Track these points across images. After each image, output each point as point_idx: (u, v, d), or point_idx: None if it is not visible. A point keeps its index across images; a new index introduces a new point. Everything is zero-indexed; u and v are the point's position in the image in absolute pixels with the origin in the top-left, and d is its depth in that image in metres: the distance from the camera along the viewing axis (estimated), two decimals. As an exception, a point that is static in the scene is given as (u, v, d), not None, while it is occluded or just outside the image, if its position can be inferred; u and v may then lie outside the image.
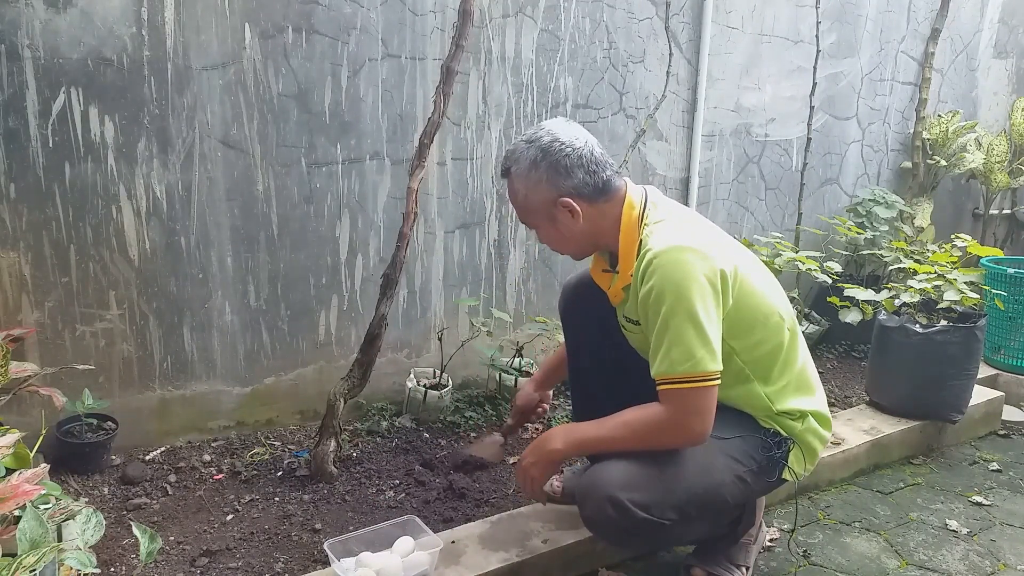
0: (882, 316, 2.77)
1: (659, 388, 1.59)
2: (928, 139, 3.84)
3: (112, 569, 1.82)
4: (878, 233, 3.53)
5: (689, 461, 1.64)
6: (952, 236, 3.10)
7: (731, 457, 1.69)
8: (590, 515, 1.64)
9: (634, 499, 1.57)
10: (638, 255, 1.64)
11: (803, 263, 2.96)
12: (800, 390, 1.76)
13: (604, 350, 1.92)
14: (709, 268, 1.58)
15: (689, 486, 1.63)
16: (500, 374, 2.77)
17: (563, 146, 1.65)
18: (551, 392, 2.16)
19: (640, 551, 2.02)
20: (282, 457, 2.37)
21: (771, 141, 3.51)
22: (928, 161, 3.86)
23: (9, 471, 1.53)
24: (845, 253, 3.51)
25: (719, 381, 1.57)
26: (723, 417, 1.63)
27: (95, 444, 2.22)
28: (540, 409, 2.15)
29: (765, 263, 2.90)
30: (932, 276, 2.75)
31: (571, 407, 2.22)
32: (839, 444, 2.48)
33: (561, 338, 2.11)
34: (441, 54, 2.57)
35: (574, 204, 1.66)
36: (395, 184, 2.61)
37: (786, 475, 1.76)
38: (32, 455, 1.69)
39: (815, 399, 1.79)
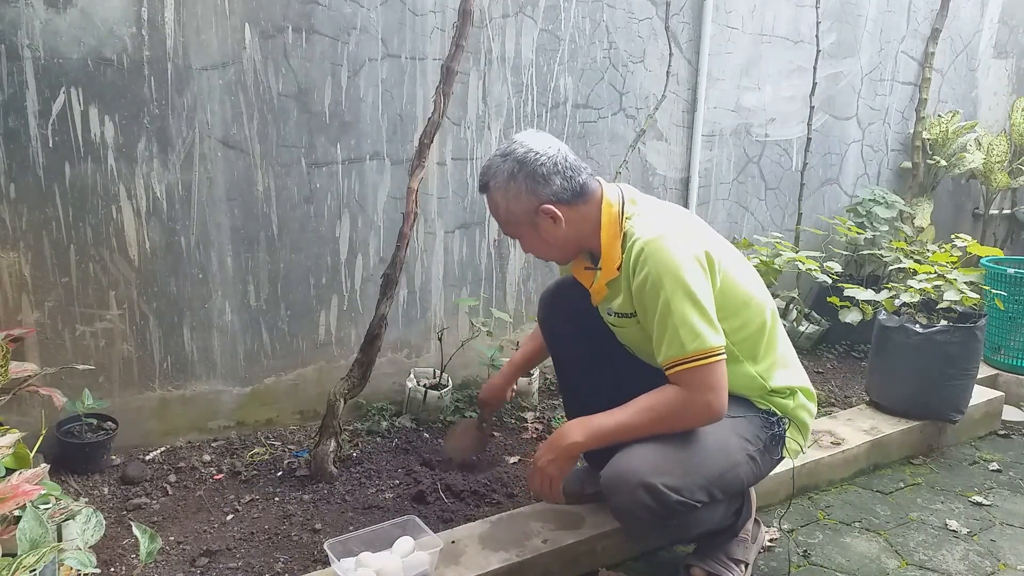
0: (882, 316, 2.77)
1: (671, 371, 1.60)
2: (928, 139, 3.84)
3: (112, 569, 1.82)
4: (878, 233, 3.53)
5: (708, 442, 1.66)
6: (952, 236, 3.10)
7: (742, 437, 1.71)
8: (622, 503, 1.63)
9: (667, 483, 1.58)
10: (624, 248, 1.67)
11: (803, 263, 2.96)
12: (785, 366, 1.81)
13: (591, 351, 1.95)
14: (697, 249, 1.63)
15: (712, 466, 1.65)
16: (500, 374, 2.76)
17: (538, 155, 1.68)
18: (514, 387, 2.26)
19: (657, 542, 2.02)
20: (282, 457, 2.37)
21: (771, 141, 3.51)
22: (928, 161, 3.86)
23: (9, 471, 1.53)
24: (845, 253, 3.51)
25: (725, 355, 1.60)
26: None
27: (95, 444, 2.22)
28: (508, 396, 2.23)
29: (765, 263, 2.92)
30: (932, 276, 2.75)
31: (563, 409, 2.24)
32: (839, 444, 2.48)
33: (520, 338, 2.11)
34: (441, 54, 2.57)
35: (555, 210, 1.69)
36: (395, 184, 2.61)
37: (786, 452, 1.80)
38: (32, 455, 1.69)
39: (799, 374, 1.85)
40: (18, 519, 1.34)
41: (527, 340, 2.21)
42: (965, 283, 2.69)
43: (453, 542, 1.88)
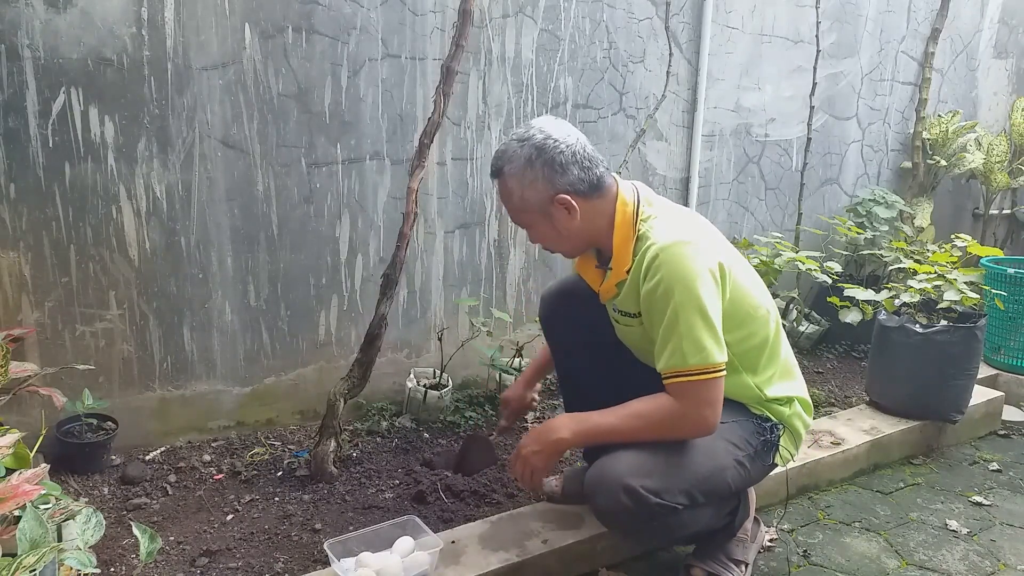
0: (882, 316, 2.77)
1: (669, 381, 1.60)
2: (928, 139, 3.84)
3: (112, 569, 1.82)
4: (878, 233, 3.53)
5: (693, 447, 1.66)
6: (952, 236, 3.10)
7: (730, 442, 1.71)
8: (603, 505, 1.63)
9: (646, 485, 1.58)
10: (636, 250, 1.65)
11: (803, 263, 2.96)
12: (784, 377, 1.81)
13: (593, 351, 1.94)
14: (711, 261, 1.61)
15: (696, 470, 1.64)
16: (500, 374, 2.76)
17: (557, 143, 1.65)
18: (537, 388, 2.20)
19: (648, 543, 2.01)
20: (282, 457, 2.37)
21: (771, 141, 3.51)
22: (928, 161, 3.86)
23: (9, 471, 1.53)
24: (845, 253, 3.51)
25: (725, 372, 1.59)
26: None
27: (95, 444, 2.22)
28: (533, 405, 2.18)
29: (765, 263, 2.92)
30: (932, 276, 2.75)
31: (563, 407, 2.23)
32: (839, 444, 2.48)
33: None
34: (441, 54, 2.57)
35: (571, 200, 1.66)
36: (395, 184, 2.61)
37: (777, 459, 1.80)
38: (32, 455, 1.69)
39: (798, 385, 1.85)
40: (18, 519, 1.34)
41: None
42: (965, 283, 2.69)
43: (453, 542, 1.88)
